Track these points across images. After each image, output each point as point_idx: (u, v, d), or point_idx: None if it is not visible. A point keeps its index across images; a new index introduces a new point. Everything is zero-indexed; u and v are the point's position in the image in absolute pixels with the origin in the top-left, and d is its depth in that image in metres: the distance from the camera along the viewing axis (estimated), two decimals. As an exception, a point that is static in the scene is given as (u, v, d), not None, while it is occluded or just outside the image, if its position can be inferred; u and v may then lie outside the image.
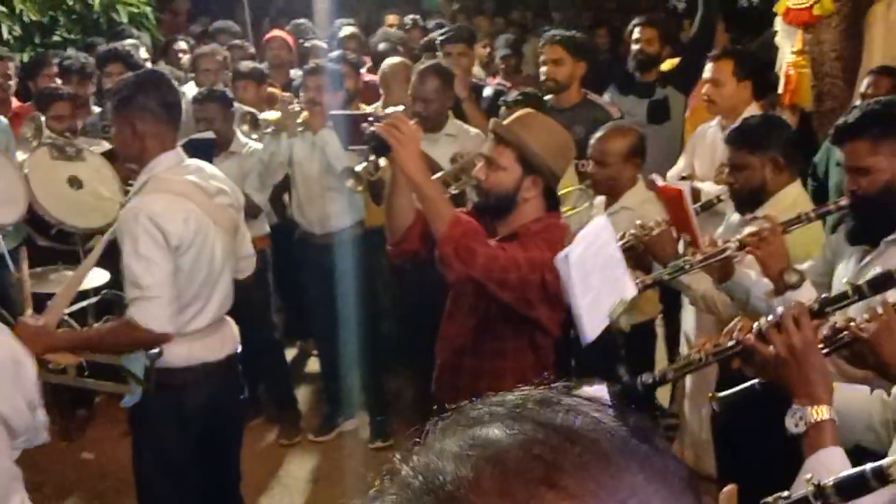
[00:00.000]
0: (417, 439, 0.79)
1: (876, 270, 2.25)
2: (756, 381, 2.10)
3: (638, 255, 3.52)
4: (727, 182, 3.63)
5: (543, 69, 5.30)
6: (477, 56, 7.17)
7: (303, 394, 5.95)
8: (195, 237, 3.28)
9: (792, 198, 3.55)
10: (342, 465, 5.18)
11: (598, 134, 4.15)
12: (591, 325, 2.57)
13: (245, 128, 4.83)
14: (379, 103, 5.52)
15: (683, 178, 4.78)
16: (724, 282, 3.22)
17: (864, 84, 4.67)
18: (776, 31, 5.79)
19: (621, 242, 3.52)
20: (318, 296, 5.23)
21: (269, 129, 4.89)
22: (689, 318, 4.10)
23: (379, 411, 5.39)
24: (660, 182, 3.52)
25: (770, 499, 1.74)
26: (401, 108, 3.36)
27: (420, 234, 3.15)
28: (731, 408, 2.13)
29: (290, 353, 6.16)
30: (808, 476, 1.73)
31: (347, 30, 7.37)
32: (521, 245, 3.01)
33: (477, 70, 7.13)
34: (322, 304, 5.18)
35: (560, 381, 0.85)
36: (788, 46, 5.60)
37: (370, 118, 4.36)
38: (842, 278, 2.95)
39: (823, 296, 2.09)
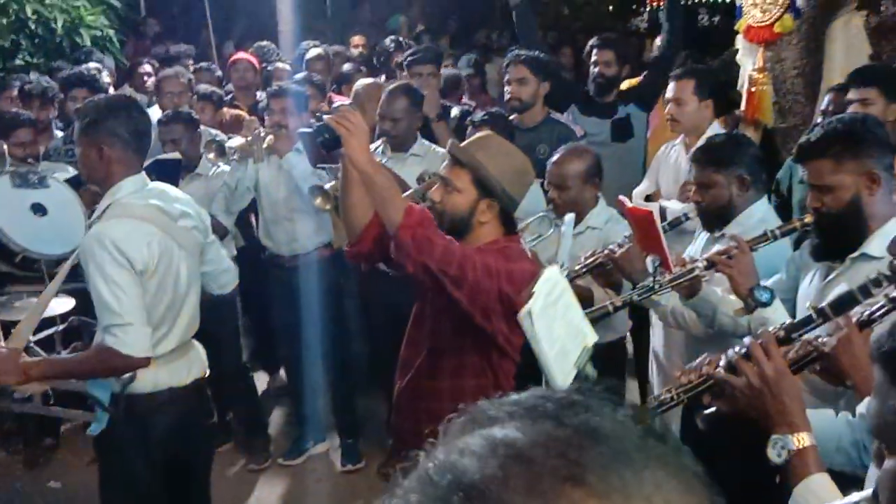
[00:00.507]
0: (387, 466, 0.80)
1: (841, 287, 2.27)
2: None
3: (607, 272, 3.54)
4: (694, 200, 3.66)
5: (508, 88, 5.33)
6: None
7: (272, 418, 5.90)
8: (159, 261, 3.25)
9: (759, 215, 3.58)
10: (312, 489, 5.14)
11: (554, 158, 4.15)
12: (562, 377, 2.56)
13: (211, 156, 4.80)
14: None
15: (648, 197, 4.82)
16: (691, 298, 3.24)
17: (824, 101, 4.73)
18: (738, 50, 5.87)
19: (590, 261, 3.54)
20: (286, 318, 5.21)
21: (234, 156, 4.87)
22: (657, 335, 4.11)
23: (349, 434, 5.36)
24: (628, 204, 3.54)
25: None
26: (347, 101, 3.33)
27: (375, 237, 3.14)
28: (716, 424, 2.12)
29: (259, 377, 6.12)
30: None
31: (314, 51, 7.36)
32: (478, 252, 3.00)
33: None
34: (290, 327, 5.15)
35: None
36: (750, 64, 5.68)
37: (318, 113, 4.33)
38: (807, 294, 2.99)
39: (788, 322, 2.10)
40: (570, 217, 3.52)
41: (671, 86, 4.83)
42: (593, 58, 5.80)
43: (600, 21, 11.66)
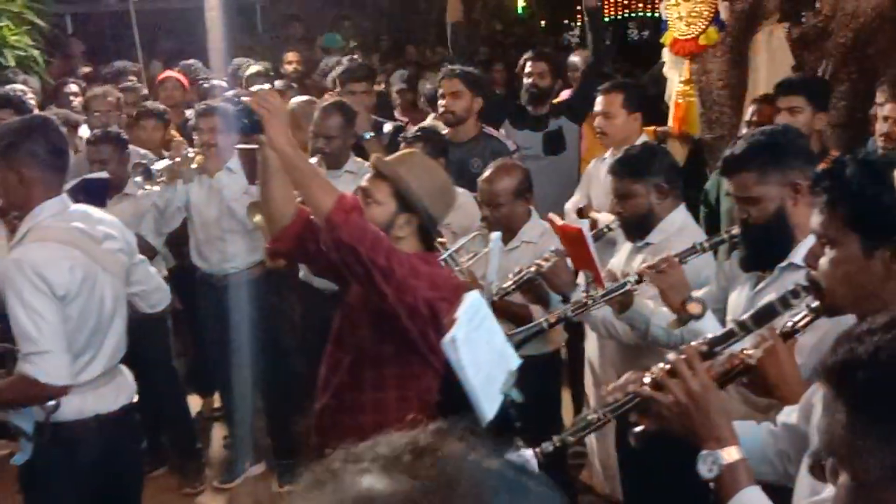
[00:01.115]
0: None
1: (770, 297, 2.29)
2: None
3: (535, 287, 3.54)
4: (615, 211, 3.70)
5: (442, 102, 5.33)
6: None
7: (207, 440, 5.81)
8: (82, 285, 3.18)
9: (679, 222, 3.66)
10: (250, 512, 5.07)
11: (484, 176, 4.15)
12: (489, 404, 2.55)
13: (138, 179, 4.71)
14: None
15: (580, 210, 4.85)
16: (624, 312, 3.26)
17: (748, 112, 4.81)
18: (664, 63, 5.95)
19: (518, 277, 3.55)
20: (219, 339, 5.13)
21: (162, 178, 4.78)
22: (591, 345, 4.13)
23: (286, 455, 5.29)
24: (558, 221, 3.56)
25: None
26: (266, 86, 3.28)
27: (296, 235, 3.10)
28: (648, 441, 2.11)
29: (194, 399, 6.01)
30: None
31: (254, 68, 7.30)
32: (403, 254, 3.00)
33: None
34: (224, 348, 5.07)
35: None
36: (676, 77, 5.76)
37: (235, 97, 4.27)
38: (737, 305, 3.02)
39: (710, 336, 2.11)
40: (496, 235, 3.53)
41: (599, 99, 4.87)
42: (527, 69, 5.85)
43: (532, 36, 11.75)
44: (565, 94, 6.56)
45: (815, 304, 2.06)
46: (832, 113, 5.02)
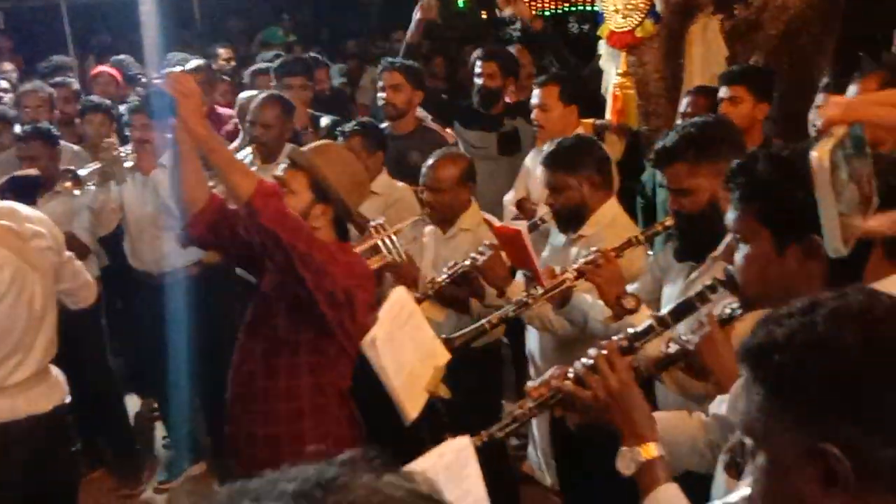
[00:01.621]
0: None
1: (689, 293, 2.30)
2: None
3: (469, 281, 3.54)
4: (548, 204, 3.72)
5: (382, 95, 5.30)
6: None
7: (146, 440, 5.72)
8: (10, 285, 3.12)
9: (611, 214, 3.69)
10: (190, 512, 5.00)
11: (430, 162, 4.16)
12: (412, 404, 2.54)
13: (68, 185, 4.59)
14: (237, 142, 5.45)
15: (519, 203, 4.85)
16: (563, 307, 3.27)
17: (683, 103, 4.85)
18: (601, 56, 5.98)
19: (452, 272, 3.54)
20: (156, 339, 5.04)
21: (93, 182, 4.67)
22: (531, 338, 4.14)
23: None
24: (496, 223, 3.55)
25: None
26: (179, 69, 3.23)
27: (209, 223, 3.10)
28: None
29: (132, 399, 5.92)
30: None
31: (193, 63, 7.20)
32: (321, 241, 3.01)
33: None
34: (161, 347, 5.00)
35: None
36: (613, 69, 5.78)
37: (146, 80, 4.18)
38: (671, 295, 3.05)
39: (630, 331, 2.12)
40: (429, 229, 3.53)
41: (536, 92, 4.87)
42: (477, 70, 5.79)
43: (473, 31, 11.72)
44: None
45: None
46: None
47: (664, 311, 2.07)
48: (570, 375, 2.05)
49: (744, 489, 1.48)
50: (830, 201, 1.08)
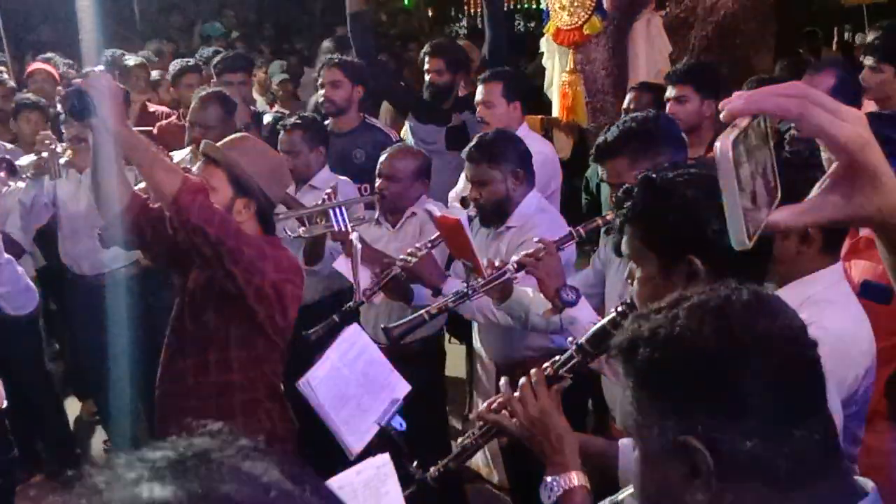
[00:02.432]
0: None
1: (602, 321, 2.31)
2: None
3: (397, 283, 3.49)
4: (472, 198, 3.71)
5: (321, 92, 5.25)
6: (257, 82, 7.06)
7: (86, 445, 5.60)
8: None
9: (535, 205, 3.71)
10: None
11: (389, 151, 4.16)
12: (355, 437, 2.55)
13: (2, 175, 4.48)
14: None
15: (463, 199, 4.82)
16: (504, 301, 3.24)
17: (626, 99, 4.87)
18: (542, 53, 5.97)
19: (384, 275, 3.48)
20: (94, 340, 4.94)
21: (28, 173, 4.56)
22: (475, 332, 4.11)
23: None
24: (437, 213, 3.52)
25: None
26: (100, 68, 3.17)
27: (131, 223, 3.05)
28: None
29: (72, 403, 5.79)
30: None
31: (133, 59, 7.08)
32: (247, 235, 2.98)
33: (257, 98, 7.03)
34: (99, 349, 4.90)
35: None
36: (557, 67, 5.78)
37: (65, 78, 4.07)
38: (613, 288, 3.05)
39: (556, 359, 2.13)
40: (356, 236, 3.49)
41: (479, 88, 4.87)
42: (425, 66, 5.76)
43: (418, 28, 11.72)
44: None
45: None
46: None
47: (581, 339, 2.10)
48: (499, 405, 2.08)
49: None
50: (734, 193, 1.07)
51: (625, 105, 4.84)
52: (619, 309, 2.08)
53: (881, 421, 2.73)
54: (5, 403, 3.42)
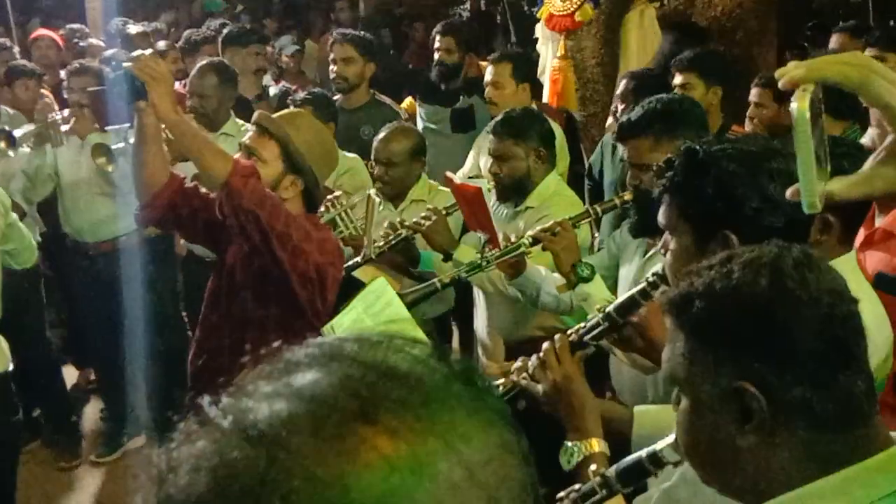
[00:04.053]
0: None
1: (632, 290, 2.31)
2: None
3: (406, 249, 3.48)
4: (492, 172, 3.70)
5: (333, 68, 5.22)
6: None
7: (84, 413, 5.60)
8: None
9: (553, 187, 3.71)
10: (129, 486, 4.87)
11: (381, 136, 4.12)
12: None
13: (1, 145, 4.44)
14: None
15: (471, 179, 4.82)
16: (516, 278, 3.25)
17: (620, 85, 4.84)
18: (537, 38, 5.94)
19: (395, 235, 3.48)
20: (94, 309, 4.93)
21: (29, 143, 4.53)
22: (480, 314, 4.11)
23: (167, 426, 5.10)
24: (457, 180, 3.52)
25: (563, 493, 1.77)
26: (149, 51, 3.15)
27: (168, 203, 3.01)
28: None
29: (69, 371, 5.78)
30: (593, 467, 1.80)
31: (135, 29, 7.04)
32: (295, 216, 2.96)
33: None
34: (100, 318, 4.88)
35: None
36: (550, 52, 5.74)
37: (114, 62, 4.05)
38: (629, 272, 3.05)
39: (581, 325, 2.14)
40: (371, 192, 3.48)
41: (489, 69, 4.88)
42: (436, 44, 5.73)
43: (425, 7, 11.63)
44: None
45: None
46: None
47: (610, 308, 2.12)
48: (529, 369, 2.10)
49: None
50: (811, 152, 1.07)
51: (619, 91, 4.80)
52: (650, 279, 2.09)
53: (890, 414, 2.74)
54: (11, 366, 3.42)
